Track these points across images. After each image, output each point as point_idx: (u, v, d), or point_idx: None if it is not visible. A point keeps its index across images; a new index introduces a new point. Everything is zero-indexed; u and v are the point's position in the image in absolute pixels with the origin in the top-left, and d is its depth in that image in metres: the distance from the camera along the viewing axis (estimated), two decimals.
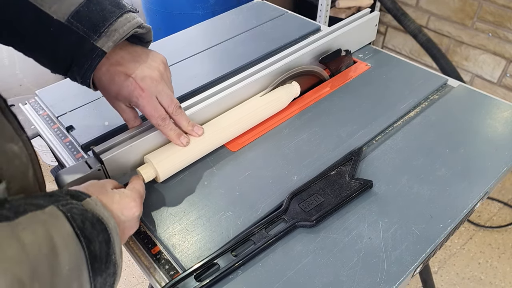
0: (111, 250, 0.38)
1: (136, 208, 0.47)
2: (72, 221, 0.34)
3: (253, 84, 0.68)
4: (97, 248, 0.36)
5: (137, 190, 0.50)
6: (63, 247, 0.32)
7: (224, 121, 0.63)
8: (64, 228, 0.33)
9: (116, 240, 0.39)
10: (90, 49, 0.49)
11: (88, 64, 0.49)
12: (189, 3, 1.40)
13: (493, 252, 1.47)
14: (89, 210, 0.37)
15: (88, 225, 0.36)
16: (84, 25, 0.48)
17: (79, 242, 0.34)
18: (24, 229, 0.30)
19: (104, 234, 0.38)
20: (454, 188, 0.55)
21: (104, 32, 0.49)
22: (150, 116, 0.54)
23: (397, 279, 0.46)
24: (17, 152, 0.36)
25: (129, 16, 0.50)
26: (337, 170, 0.57)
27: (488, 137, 0.63)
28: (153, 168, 0.56)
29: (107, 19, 0.49)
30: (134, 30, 0.51)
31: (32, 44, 0.50)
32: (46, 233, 0.32)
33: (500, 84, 1.78)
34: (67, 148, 0.65)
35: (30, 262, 0.29)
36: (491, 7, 1.65)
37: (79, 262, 0.34)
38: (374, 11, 0.83)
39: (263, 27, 0.92)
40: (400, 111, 0.68)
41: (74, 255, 0.33)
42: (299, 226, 0.51)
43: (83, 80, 0.51)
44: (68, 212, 0.35)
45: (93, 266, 0.35)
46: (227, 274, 0.47)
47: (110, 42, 0.49)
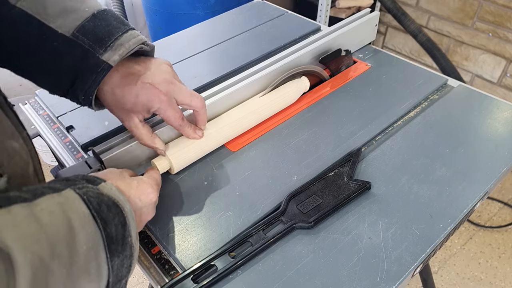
0: (127, 233, 0.39)
1: (153, 194, 0.48)
2: (88, 203, 0.35)
3: (253, 84, 0.68)
4: (113, 230, 0.37)
5: (154, 177, 0.51)
6: (80, 228, 0.33)
7: (237, 113, 0.65)
8: (80, 209, 0.34)
9: (132, 223, 0.40)
10: (95, 63, 0.48)
11: (92, 78, 0.48)
12: (189, 3, 1.40)
13: (493, 252, 1.47)
14: (104, 194, 0.38)
15: (104, 207, 0.37)
16: (89, 39, 0.47)
17: (96, 224, 0.35)
18: (42, 210, 0.31)
19: (120, 217, 0.38)
20: (454, 188, 0.55)
21: (110, 46, 0.48)
22: (172, 119, 0.54)
23: (397, 279, 0.46)
24: (18, 149, 0.36)
25: (134, 33, 0.50)
26: (336, 171, 0.57)
27: (488, 137, 0.63)
28: (167, 160, 0.57)
29: (112, 34, 0.48)
30: (139, 46, 0.50)
31: (33, 61, 0.49)
32: (63, 214, 0.33)
33: (500, 84, 1.78)
34: (67, 148, 0.65)
35: (49, 241, 0.30)
36: (491, 7, 1.65)
37: (96, 242, 0.34)
38: (374, 11, 0.83)
39: (263, 27, 0.92)
40: (400, 111, 0.68)
41: (91, 236, 0.34)
42: (297, 227, 0.51)
43: (86, 96, 0.50)
44: (84, 195, 0.36)
45: (110, 248, 0.36)
46: (224, 275, 0.47)
47: (116, 56, 0.48)
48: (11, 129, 0.36)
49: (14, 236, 0.28)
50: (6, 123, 0.36)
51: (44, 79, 0.51)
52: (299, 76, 0.72)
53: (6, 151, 0.34)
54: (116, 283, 0.38)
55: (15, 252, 0.27)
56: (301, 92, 0.71)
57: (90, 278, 0.34)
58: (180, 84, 0.55)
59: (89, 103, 0.51)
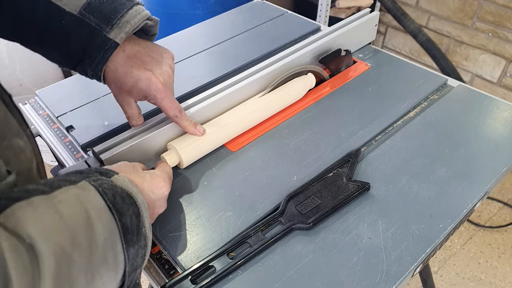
0: (141, 223, 0.39)
1: (166, 187, 0.49)
2: (103, 195, 0.36)
3: (253, 84, 0.68)
4: (128, 221, 0.37)
5: (166, 171, 0.52)
6: (97, 219, 0.34)
7: (246, 108, 0.65)
8: (97, 201, 0.35)
9: (145, 214, 0.40)
10: (102, 41, 0.49)
11: (100, 56, 0.50)
12: (189, 3, 1.40)
13: (493, 252, 1.47)
14: (118, 186, 0.39)
15: (119, 199, 0.37)
16: (96, 16, 0.48)
17: (112, 215, 0.36)
18: (60, 201, 0.32)
19: (134, 207, 0.39)
20: (454, 188, 0.55)
21: (116, 24, 0.49)
22: (168, 109, 0.55)
23: (397, 279, 0.46)
24: (23, 147, 0.37)
25: (139, 8, 0.51)
26: (335, 172, 0.57)
27: (488, 137, 0.63)
28: (177, 154, 0.58)
29: (118, 11, 0.49)
30: (144, 22, 0.51)
31: (43, 38, 0.50)
32: (81, 205, 0.33)
33: (500, 84, 1.79)
34: (67, 148, 0.65)
35: (70, 231, 0.31)
36: (491, 7, 1.65)
37: (112, 233, 0.35)
38: (374, 11, 0.83)
39: (263, 27, 0.92)
40: (400, 111, 0.68)
41: (107, 227, 0.35)
42: (295, 228, 0.51)
43: (94, 73, 0.51)
44: (99, 187, 0.36)
45: (125, 238, 0.36)
46: (223, 276, 0.47)
47: (122, 34, 0.49)
48: (16, 128, 0.37)
49: (37, 228, 0.29)
50: (12, 121, 0.36)
51: (55, 54, 0.52)
52: (305, 73, 0.72)
53: (12, 149, 0.35)
54: (132, 272, 0.39)
55: (39, 243, 0.28)
56: (307, 88, 0.72)
57: (108, 267, 0.34)
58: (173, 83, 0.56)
59: (97, 78, 0.53)
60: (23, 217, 0.29)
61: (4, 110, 0.35)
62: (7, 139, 0.34)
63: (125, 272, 0.37)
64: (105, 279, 0.34)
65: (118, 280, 0.37)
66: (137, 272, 0.40)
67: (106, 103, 0.71)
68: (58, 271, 0.29)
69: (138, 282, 0.42)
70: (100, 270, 0.33)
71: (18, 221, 0.28)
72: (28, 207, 0.30)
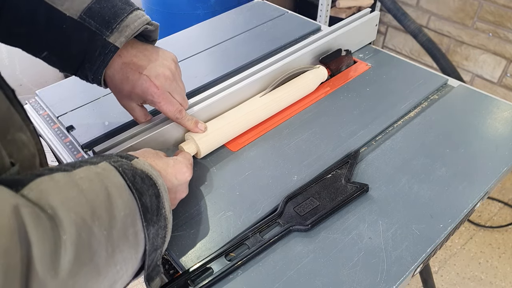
0: (161, 205, 0.40)
1: (188, 173, 0.50)
2: (123, 175, 0.37)
3: (253, 84, 0.68)
4: (148, 201, 0.38)
5: (187, 158, 0.54)
6: (117, 195, 0.35)
7: (261, 100, 0.67)
8: (117, 180, 0.36)
9: (165, 196, 0.41)
10: (102, 45, 0.49)
11: (100, 60, 0.50)
12: (189, 3, 1.40)
13: (494, 252, 1.47)
14: (138, 168, 0.40)
15: (138, 179, 0.38)
16: (96, 21, 0.49)
17: (132, 193, 0.37)
18: (81, 178, 0.34)
19: (154, 189, 0.40)
20: (454, 188, 0.55)
21: (116, 28, 0.50)
22: (167, 111, 0.56)
23: (397, 279, 0.46)
24: (26, 142, 0.37)
25: (139, 13, 0.52)
26: (333, 174, 0.57)
27: (489, 137, 0.63)
28: (195, 144, 0.59)
29: (118, 16, 0.50)
30: (144, 26, 0.52)
31: (44, 43, 0.50)
32: (101, 182, 0.35)
33: (500, 84, 1.78)
34: (67, 148, 0.65)
35: (89, 204, 0.32)
36: (491, 7, 1.65)
37: (132, 211, 0.36)
38: (374, 11, 0.83)
39: (263, 27, 0.92)
40: (400, 111, 0.68)
41: (127, 204, 0.36)
42: (293, 230, 0.51)
43: (95, 76, 0.52)
44: (119, 167, 0.38)
45: (145, 217, 0.37)
46: (222, 277, 0.47)
47: (122, 38, 0.50)
48: (19, 123, 0.37)
49: (58, 199, 0.30)
50: (15, 116, 0.37)
51: (55, 59, 0.52)
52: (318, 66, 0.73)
53: (15, 143, 0.35)
54: (152, 252, 0.39)
55: (60, 212, 0.29)
56: (320, 80, 0.73)
57: (129, 244, 0.35)
58: (178, 84, 0.56)
59: (98, 82, 0.53)
60: (45, 190, 0.30)
61: (7, 104, 0.36)
62: (11, 133, 0.35)
63: (146, 251, 0.38)
64: (125, 255, 0.35)
65: (138, 258, 0.38)
66: (157, 253, 0.41)
67: (106, 103, 0.71)
68: (79, 240, 0.30)
69: (159, 264, 0.42)
70: (120, 245, 0.34)
71: (40, 193, 0.30)
72: (50, 181, 0.31)
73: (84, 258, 0.30)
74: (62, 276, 0.28)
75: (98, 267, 0.32)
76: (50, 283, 0.27)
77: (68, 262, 0.29)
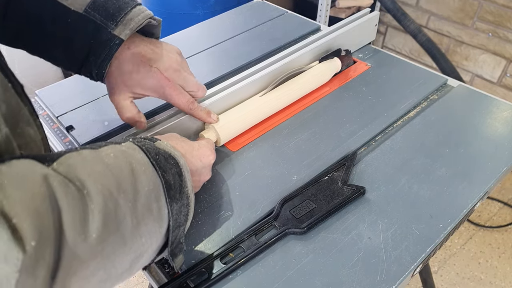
0: (184, 183, 0.42)
1: (212, 156, 0.53)
2: (147, 153, 0.39)
3: (253, 84, 0.68)
4: (171, 179, 0.40)
5: (210, 142, 0.57)
6: (141, 172, 0.37)
7: (278, 89, 0.68)
8: (141, 157, 0.38)
9: (187, 176, 0.43)
10: (107, 37, 0.50)
11: (105, 52, 0.51)
12: (189, 3, 1.40)
13: (493, 252, 1.47)
14: (161, 148, 0.42)
15: (161, 158, 0.40)
16: (101, 14, 0.50)
17: (155, 170, 0.38)
18: (107, 155, 0.36)
19: (176, 168, 0.41)
20: (454, 188, 0.55)
21: (121, 21, 0.50)
22: (180, 103, 0.57)
23: (397, 279, 0.46)
24: (33, 136, 0.38)
25: (142, 8, 0.53)
26: (330, 176, 0.57)
27: (488, 137, 0.63)
28: (215, 132, 0.61)
29: (122, 9, 0.51)
30: (148, 20, 0.52)
31: (49, 40, 0.51)
32: (126, 159, 0.37)
33: (500, 84, 1.78)
34: (67, 148, 0.65)
35: (115, 178, 0.34)
36: (491, 6, 1.65)
37: (156, 186, 0.38)
38: (374, 11, 0.83)
39: (263, 27, 0.92)
40: (400, 111, 0.68)
41: (151, 180, 0.37)
42: (289, 233, 0.51)
43: (99, 71, 0.52)
44: (143, 146, 0.40)
45: (169, 193, 0.39)
46: (217, 280, 0.46)
47: (127, 30, 0.51)
48: (27, 117, 0.38)
49: (86, 172, 0.32)
50: (23, 110, 0.37)
51: (59, 55, 0.53)
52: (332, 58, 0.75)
53: (24, 137, 0.36)
54: (176, 228, 0.41)
55: (88, 184, 0.31)
56: (333, 72, 0.75)
57: (153, 218, 0.37)
58: (187, 74, 0.58)
59: (101, 77, 0.53)
60: (73, 164, 0.32)
61: (16, 99, 0.36)
62: (20, 127, 0.36)
63: (169, 226, 0.40)
64: (150, 228, 0.37)
65: (162, 233, 0.39)
66: (180, 230, 0.42)
67: (106, 103, 0.71)
68: (105, 209, 0.32)
69: (182, 241, 0.44)
70: (145, 218, 0.36)
71: (69, 167, 0.32)
72: (78, 156, 0.34)
73: (111, 227, 0.32)
74: (91, 241, 0.30)
75: (124, 236, 0.34)
76: (80, 246, 0.30)
77: (96, 228, 0.31)
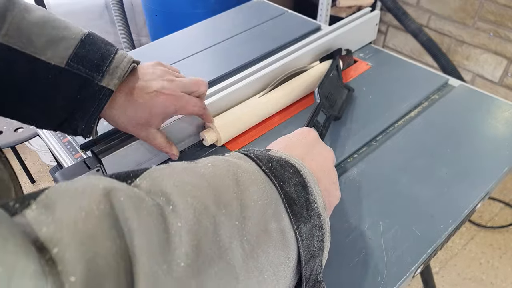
0: (311, 197, 0.33)
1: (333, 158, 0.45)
2: (256, 160, 0.33)
3: (253, 83, 0.67)
4: (293, 191, 0.32)
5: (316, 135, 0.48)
6: (249, 182, 0.30)
7: (277, 90, 0.68)
8: (249, 166, 0.32)
9: (315, 188, 0.34)
10: (95, 90, 0.47)
11: (94, 106, 0.47)
12: (189, 2, 1.40)
13: (495, 252, 1.46)
14: (275, 155, 0.35)
15: (276, 165, 0.33)
16: (85, 66, 0.46)
17: (269, 180, 0.31)
18: (204, 165, 0.30)
19: (298, 177, 0.33)
20: (455, 188, 0.55)
21: (107, 71, 0.47)
22: (193, 111, 0.56)
23: (397, 280, 0.45)
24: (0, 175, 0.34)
25: (122, 52, 0.50)
26: None
27: (490, 137, 0.62)
28: (215, 132, 0.61)
29: (105, 57, 0.47)
30: (132, 65, 0.50)
31: (24, 98, 0.46)
32: (228, 167, 0.30)
33: (501, 83, 1.78)
34: (66, 148, 0.65)
35: (212, 188, 0.28)
36: (492, 6, 1.64)
37: (273, 201, 0.30)
38: (375, 10, 0.83)
39: (263, 26, 0.91)
40: (400, 111, 0.68)
41: (265, 192, 0.30)
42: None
43: (87, 126, 0.49)
44: (251, 153, 0.34)
45: (292, 209, 0.31)
46: None
47: (115, 80, 0.48)
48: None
49: (171, 183, 0.26)
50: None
51: (35, 114, 0.48)
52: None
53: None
54: (309, 259, 0.32)
55: (174, 196, 0.25)
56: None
57: (274, 243, 0.29)
58: (181, 78, 0.55)
59: (89, 131, 0.50)
60: (159, 176, 0.27)
61: None
62: None
63: (300, 255, 0.31)
64: (272, 259, 0.29)
65: (291, 266, 0.31)
66: (316, 262, 0.33)
67: None
68: (198, 228, 0.25)
69: (320, 279, 0.34)
70: (261, 244, 0.28)
71: (153, 180, 0.26)
72: (167, 168, 0.28)
73: (209, 253, 0.24)
74: (178, 272, 0.22)
75: (234, 268, 0.26)
76: (163, 280, 0.21)
77: (185, 254, 0.23)
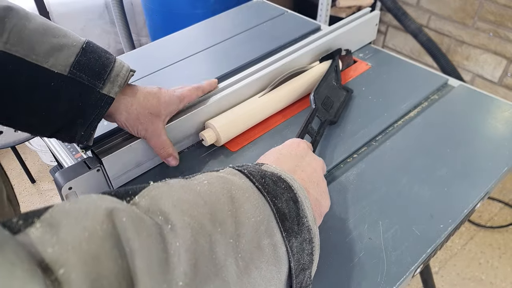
0: (301, 212, 0.34)
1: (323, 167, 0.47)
2: (250, 176, 0.33)
3: (253, 83, 0.67)
4: (285, 206, 0.33)
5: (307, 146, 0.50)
6: (243, 199, 0.31)
7: (277, 90, 0.68)
8: (242, 183, 0.33)
9: (305, 202, 0.35)
10: (97, 98, 0.47)
11: (95, 113, 0.48)
12: (189, 2, 1.40)
13: (494, 252, 1.46)
14: (267, 171, 0.36)
15: (269, 181, 0.34)
16: (87, 74, 0.47)
17: (262, 196, 0.32)
18: (199, 182, 0.31)
19: (289, 192, 0.34)
20: (454, 188, 0.55)
21: (108, 79, 0.48)
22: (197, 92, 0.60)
23: (397, 280, 0.45)
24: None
25: (120, 61, 0.51)
26: None
27: (489, 137, 0.63)
28: (215, 132, 0.61)
29: (106, 65, 0.48)
30: (131, 73, 0.51)
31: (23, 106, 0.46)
32: (223, 185, 0.31)
33: (501, 84, 1.78)
34: (66, 148, 0.65)
35: (209, 207, 0.28)
36: (492, 6, 1.64)
37: (266, 217, 0.31)
38: (375, 10, 0.83)
39: (263, 26, 0.91)
40: (400, 111, 0.68)
41: (258, 208, 0.31)
42: None
43: (86, 132, 0.49)
44: (244, 170, 0.34)
45: (284, 225, 0.32)
46: None
47: (116, 88, 0.49)
48: None
49: (170, 202, 0.27)
50: None
51: (33, 121, 0.48)
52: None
53: None
54: (300, 273, 0.33)
55: (172, 216, 0.26)
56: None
57: (267, 259, 0.30)
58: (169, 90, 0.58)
59: (87, 138, 0.51)
60: (157, 195, 0.27)
61: None
62: None
63: (291, 269, 0.32)
64: (265, 274, 0.30)
65: (283, 280, 0.32)
66: (305, 275, 0.34)
67: None
68: (196, 247, 0.25)
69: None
70: (255, 260, 0.29)
71: (152, 199, 0.27)
72: (164, 186, 0.29)
73: (206, 271, 0.25)
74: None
75: (228, 285, 0.26)
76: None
77: (184, 273, 0.24)
